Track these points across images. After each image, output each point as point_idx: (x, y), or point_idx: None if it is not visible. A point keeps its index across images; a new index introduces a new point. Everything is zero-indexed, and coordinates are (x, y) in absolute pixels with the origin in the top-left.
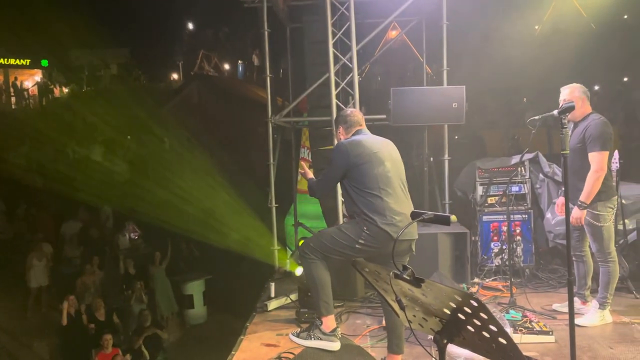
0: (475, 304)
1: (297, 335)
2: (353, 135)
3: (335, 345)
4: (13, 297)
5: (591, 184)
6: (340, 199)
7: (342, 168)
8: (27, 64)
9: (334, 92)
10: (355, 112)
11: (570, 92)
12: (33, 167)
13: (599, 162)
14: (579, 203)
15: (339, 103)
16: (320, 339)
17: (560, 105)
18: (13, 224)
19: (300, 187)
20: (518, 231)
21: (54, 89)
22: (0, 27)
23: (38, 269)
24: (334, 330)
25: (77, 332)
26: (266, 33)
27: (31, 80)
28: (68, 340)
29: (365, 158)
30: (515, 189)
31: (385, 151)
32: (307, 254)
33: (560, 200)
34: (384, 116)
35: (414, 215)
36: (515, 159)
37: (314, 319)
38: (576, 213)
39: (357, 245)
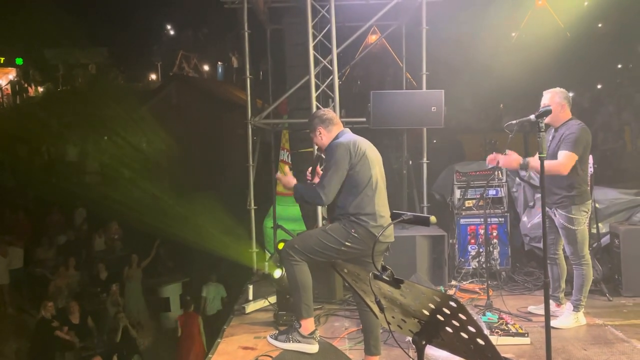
0: (454, 305)
1: (275, 338)
2: (340, 134)
3: (314, 348)
4: None
5: (547, 169)
6: None
7: (346, 169)
8: (1, 62)
9: (314, 95)
10: (327, 110)
11: (550, 97)
12: (6, 167)
13: (564, 160)
14: (522, 162)
15: (319, 105)
16: (299, 342)
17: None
18: None
19: (280, 189)
20: (495, 234)
21: (29, 88)
22: None
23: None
24: (313, 332)
25: (48, 335)
26: (246, 34)
27: (5, 78)
28: (38, 344)
29: (362, 158)
30: (492, 192)
31: (373, 153)
32: (291, 256)
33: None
34: (363, 119)
35: (394, 216)
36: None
37: (292, 321)
38: (506, 158)
39: (342, 247)
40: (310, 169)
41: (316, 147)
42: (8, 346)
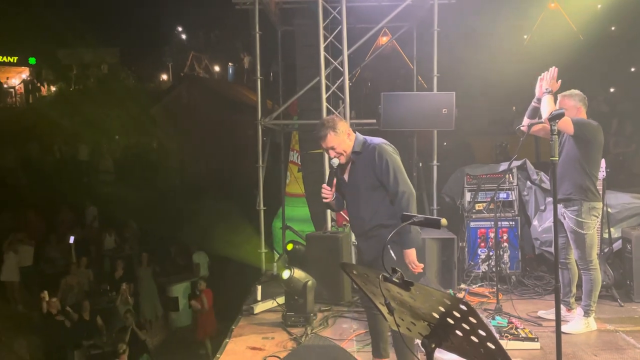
0: (464, 308)
1: None
2: (358, 136)
3: None
4: None
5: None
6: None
7: None
8: (15, 61)
9: (324, 96)
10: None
11: (565, 101)
12: (18, 165)
13: (567, 120)
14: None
15: (329, 106)
16: None
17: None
18: None
19: (289, 190)
20: (505, 238)
21: (42, 87)
22: None
23: (9, 265)
24: None
25: (58, 331)
26: (257, 35)
27: (18, 77)
28: (48, 340)
29: None
30: (502, 195)
31: None
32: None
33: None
34: (373, 120)
35: (404, 218)
36: (504, 166)
37: (299, 322)
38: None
39: None
40: (327, 182)
41: (333, 160)
42: (18, 342)
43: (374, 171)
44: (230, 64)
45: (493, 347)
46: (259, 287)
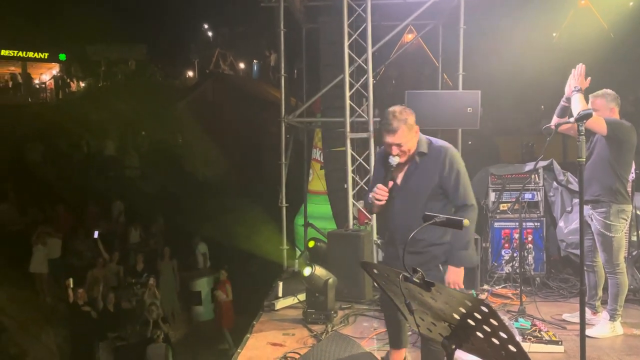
0: (485, 310)
1: None
2: (421, 134)
3: None
4: (21, 287)
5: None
6: (351, 200)
7: None
8: (45, 57)
9: (348, 94)
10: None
11: (597, 102)
12: (48, 160)
13: (600, 120)
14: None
15: (352, 104)
16: None
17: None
18: (26, 216)
19: (311, 187)
20: (530, 239)
21: (71, 83)
22: (20, 20)
23: (38, 257)
24: None
25: (84, 323)
26: (282, 33)
27: (48, 73)
28: (75, 331)
29: None
30: (528, 196)
31: None
32: None
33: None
34: None
35: (426, 218)
36: (529, 166)
37: (320, 319)
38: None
39: None
40: (384, 181)
41: (392, 157)
42: (45, 333)
43: (440, 178)
44: (255, 61)
45: (514, 349)
46: (281, 284)
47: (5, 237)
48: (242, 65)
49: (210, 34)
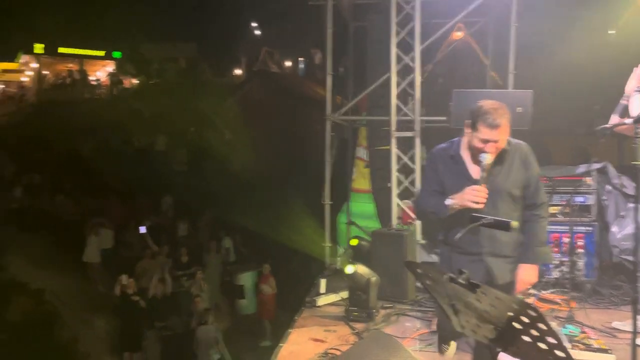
0: (533, 314)
1: None
2: None
3: None
4: (74, 275)
5: None
6: (395, 199)
7: None
8: (102, 55)
9: (394, 92)
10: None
11: None
12: (101, 154)
13: None
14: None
15: (399, 103)
16: None
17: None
18: (80, 207)
19: (355, 185)
20: (580, 244)
21: (124, 80)
22: (77, 18)
23: (91, 247)
24: None
25: (133, 312)
26: (330, 31)
27: (103, 71)
28: (124, 319)
29: None
30: (579, 199)
31: None
32: None
33: None
34: (444, 118)
35: (473, 219)
36: (582, 169)
37: (362, 317)
38: None
39: None
40: (481, 181)
41: (484, 155)
42: (96, 320)
43: (526, 176)
44: (301, 59)
45: (563, 355)
46: (323, 281)
47: (61, 227)
48: (288, 63)
49: (257, 32)
